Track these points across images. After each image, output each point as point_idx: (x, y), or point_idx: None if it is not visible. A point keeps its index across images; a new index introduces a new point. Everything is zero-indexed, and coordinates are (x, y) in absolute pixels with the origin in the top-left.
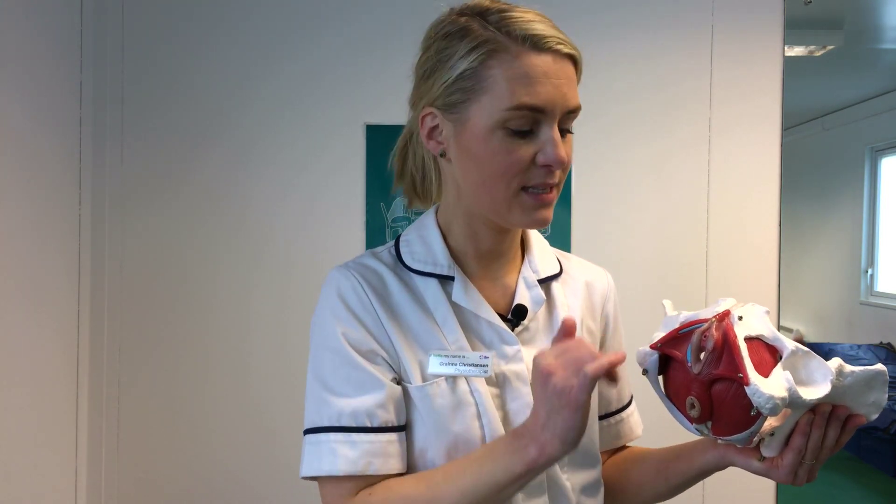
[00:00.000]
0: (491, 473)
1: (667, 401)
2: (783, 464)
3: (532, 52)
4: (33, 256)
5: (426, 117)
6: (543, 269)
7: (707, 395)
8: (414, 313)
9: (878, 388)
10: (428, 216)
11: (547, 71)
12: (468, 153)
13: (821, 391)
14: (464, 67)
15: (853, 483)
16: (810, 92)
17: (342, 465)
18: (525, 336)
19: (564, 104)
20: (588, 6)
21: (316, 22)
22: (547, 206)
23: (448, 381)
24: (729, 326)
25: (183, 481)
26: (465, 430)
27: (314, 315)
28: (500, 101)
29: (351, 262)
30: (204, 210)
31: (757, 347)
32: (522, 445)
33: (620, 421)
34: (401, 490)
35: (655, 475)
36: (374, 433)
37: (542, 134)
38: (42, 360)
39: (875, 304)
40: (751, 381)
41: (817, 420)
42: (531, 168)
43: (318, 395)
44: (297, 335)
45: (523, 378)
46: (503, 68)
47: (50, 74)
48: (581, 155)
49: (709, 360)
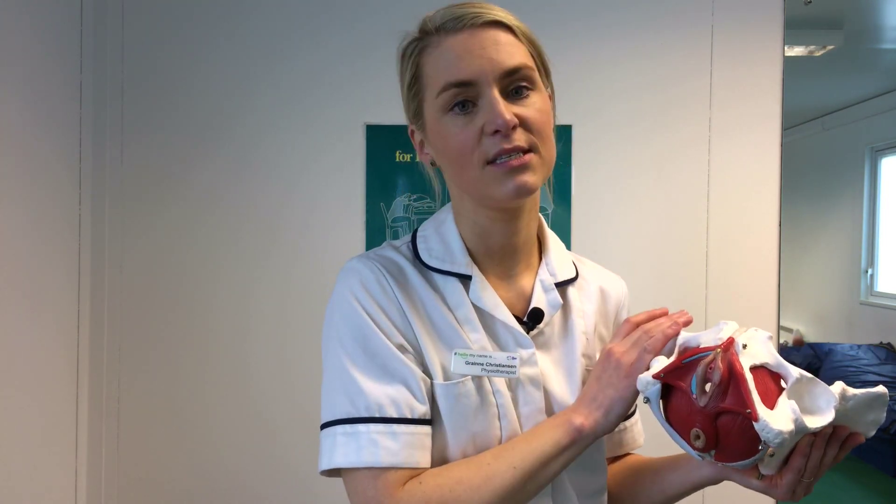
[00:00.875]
0: (540, 447)
1: (669, 428)
2: (782, 483)
3: (448, 36)
4: (33, 256)
5: (412, 135)
6: (560, 272)
7: (713, 427)
8: (436, 310)
9: (878, 408)
10: (445, 211)
11: (467, 46)
12: (437, 149)
13: (826, 419)
14: (408, 77)
15: (853, 483)
16: (810, 92)
17: (385, 456)
18: (540, 340)
19: (495, 68)
20: (588, 6)
21: (316, 22)
22: (521, 171)
23: (474, 381)
24: (734, 358)
25: (183, 481)
26: (484, 430)
27: (332, 305)
28: (434, 89)
29: (372, 252)
30: (204, 210)
31: (762, 377)
32: (569, 418)
33: (624, 430)
34: (452, 474)
35: (651, 484)
36: (415, 424)
37: (483, 104)
38: (42, 361)
39: (875, 304)
40: (760, 417)
41: (818, 442)
42: (484, 139)
43: (349, 385)
44: (297, 335)
45: (536, 382)
46: (430, 61)
47: (50, 74)
48: (581, 155)
49: (715, 392)
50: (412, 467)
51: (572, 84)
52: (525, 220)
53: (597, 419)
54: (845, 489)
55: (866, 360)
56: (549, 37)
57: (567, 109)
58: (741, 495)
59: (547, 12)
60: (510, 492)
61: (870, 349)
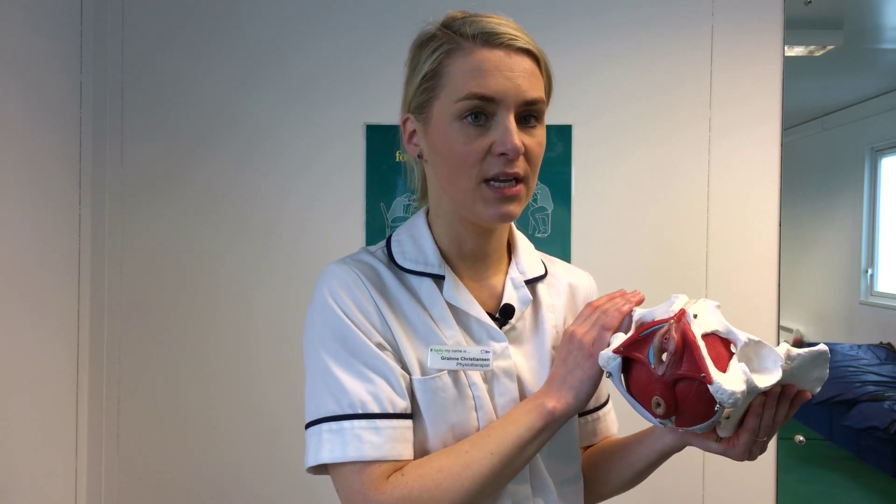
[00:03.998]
0: (515, 432)
1: (631, 399)
2: (739, 443)
3: (484, 48)
4: (33, 257)
5: (405, 123)
6: (530, 270)
7: (671, 393)
8: (412, 309)
9: (821, 364)
10: (419, 216)
11: (498, 64)
12: (434, 149)
13: (773, 377)
14: (426, 70)
15: (853, 483)
16: (810, 92)
17: (369, 450)
18: (512, 335)
19: (518, 95)
20: (588, 7)
21: (316, 22)
22: (510, 201)
23: (450, 375)
24: (686, 327)
25: (183, 481)
26: (462, 422)
27: (312, 308)
28: (455, 93)
29: (348, 257)
30: (204, 210)
31: (713, 343)
32: (540, 402)
33: (597, 419)
34: (432, 464)
35: (620, 461)
36: (396, 419)
37: (498, 124)
38: (42, 360)
39: (875, 304)
40: (714, 380)
41: (769, 401)
42: (489, 158)
43: (332, 384)
44: (297, 334)
45: (510, 374)
46: (458, 65)
47: (50, 74)
48: (581, 155)
49: (671, 361)
50: (395, 460)
51: (572, 84)
52: (499, 232)
53: (568, 401)
54: (845, 489)
55: (866, 360)
56: (549, 37)
57: (567, 109)
58: (741, 496)
59: (547, 12)
60: (489, 476)
61: (870, 349)
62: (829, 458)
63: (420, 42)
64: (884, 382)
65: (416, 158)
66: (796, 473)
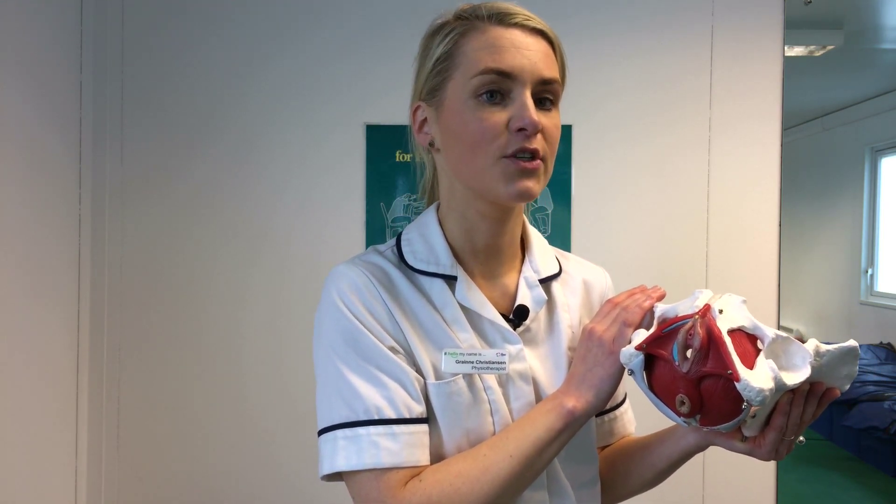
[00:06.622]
0: (534, 433)
1: (654, 397)
2: (765, 442)
3: (499, 27)
4: (33, 255)
5: (416, 112)
6: (544, 268)
7: (696, 391)
8: (424, 311)
9: (850, 361)
10: (429, 213)
11: (514, 41)
12: (448, 130)
13: (802, 375)
14: (440, 52)
15: (853, 483)
16: (810, 92)
17: (386, 457)
18: (527, 336)
19: (534, 72)
20: (588, 5)
21: (316, 21)
22: (529, 176)
23: (465, 379)
24: (712, 322)
25: (183, 481)
26: (477, 426)
27: (321, 311)
28: (470, 70)
29: (356, 258)
30: (204, 210)
31: (739, 339)
32: (560, 402)
33: (614, 419)
34: (451, 469)
35: (641, 461)
36: (413, 424)
37: (514, 100)
38: (42, 360)
39: (875, 304)
40: (741, 377)
41: (796, 399)
42: (506, 134)
43: (345, 389)
44: (297, 335)
45: (526, 377)
46: (472, 44)
47: (50, 74)
48: (581, 154)
49: (696, 358)
50: (413, 466)
51: (572, 83)
52: (512, 223)
53: (588, 400)
54: (845, 489)
55: (866, 360)
56: None
57: (567, 109)
58: (741, 496)
59: (547, 11)
60: (508, 480)
61: (870, 349)
62: (829, 458)
63: (432, 31)
64: (884, 382)
65: (427, 148)
66: (796, 473)
